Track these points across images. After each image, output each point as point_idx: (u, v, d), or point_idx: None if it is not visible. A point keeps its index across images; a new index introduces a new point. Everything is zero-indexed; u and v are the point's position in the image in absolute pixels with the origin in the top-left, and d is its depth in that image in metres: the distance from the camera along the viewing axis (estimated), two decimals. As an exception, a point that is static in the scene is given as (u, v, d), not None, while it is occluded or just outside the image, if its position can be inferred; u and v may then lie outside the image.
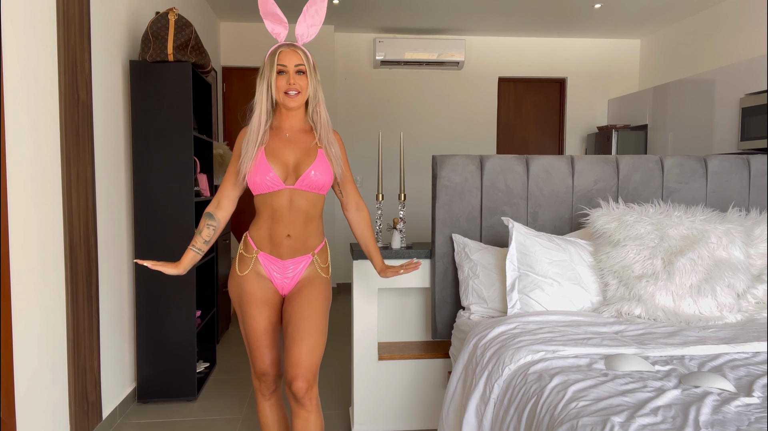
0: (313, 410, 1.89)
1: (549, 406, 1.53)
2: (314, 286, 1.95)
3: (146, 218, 3.04)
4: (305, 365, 1.83)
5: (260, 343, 1.93)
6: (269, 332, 1.95)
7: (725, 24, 4.87)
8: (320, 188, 1.91)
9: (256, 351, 1.95)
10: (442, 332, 2.69)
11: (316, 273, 1.97)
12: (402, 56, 5.80)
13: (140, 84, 3.01)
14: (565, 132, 6.33)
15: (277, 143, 1.90)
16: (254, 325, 1.93)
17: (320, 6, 1.93)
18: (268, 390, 2.01)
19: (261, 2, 1.93)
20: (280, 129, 1.94)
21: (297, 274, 1.95)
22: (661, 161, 2.75)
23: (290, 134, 1.93)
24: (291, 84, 1.85)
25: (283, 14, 1.93)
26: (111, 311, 2.86)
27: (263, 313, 1.93)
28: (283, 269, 1.94)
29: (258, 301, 1.93)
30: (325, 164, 1.90)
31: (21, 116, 2.07)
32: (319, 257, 1.98)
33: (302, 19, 1.93)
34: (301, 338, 1.85)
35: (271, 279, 1.95)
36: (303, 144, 1.92)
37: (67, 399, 2.41)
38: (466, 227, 2.66)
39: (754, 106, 3.94)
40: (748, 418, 1.37)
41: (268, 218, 1.92)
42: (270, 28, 1.94)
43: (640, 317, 2.21)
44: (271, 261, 1.94)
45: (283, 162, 1.88)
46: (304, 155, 1.90)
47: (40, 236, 2.20)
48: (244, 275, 1.94)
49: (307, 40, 1.95)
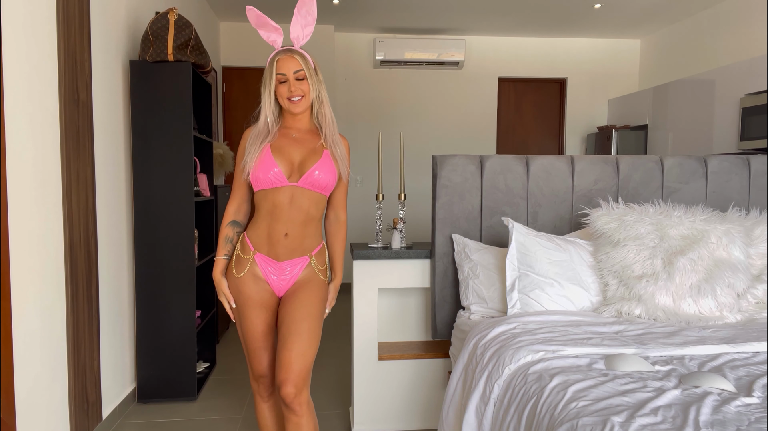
0: (303, 414, 1.86)
1: (549, 406, 1.53)
2: (309, 289, 1.93)
3: (146, 218, 3.04)
4: (295, 370, 1.82)
5: (257, 345, 1.94)
6: (266, 334, 1.95)
7: (725, 24, 4.87)
8: (323, 187, 1.92)
9: (253, 353, 1.95)
10: (442, 332, 2.69)
11: (312, 275, 1.96)
12: (402, 56, 5.80)
13: (140, 84, 3.01)
14: (565, 132, 6.33)
15: (284, 141, 1.92)
16: (251, 328, 1.93)
17: (310, 5, 1.91)
18: (266, 391, 2.02)
19: (250, 17, 1.94)
20: (289, 129, 1.96)
21: (294, 275, 1.94)
22: (661, 161, 2.75)
23: (297, 135, 1.95)
24: (292, 91, 1.87)
25: (274, 22, 1.94)
26: (111, 311, 2.86)
27: (260, 316, 1.93)
28: (280, 271, 1.93)
29: (255, 304, 1.92)
30: (329, 165, 1.91)
31: (21, 116, 2.07)
32: (316, 258, 1.97)
33: (295, 21, 1.93)
34: (293, 341, 1.84)
35: (268, 281, 1.94)
36: (309, 144, 1.94)
37: (67, 399, 2.41)
38: (466, 227, 2.66)
39: (754, 106, 3.94)
40: (748, 418, 1.37)
41: (267, 215, 1.91)
42: (265, 36, 1.95)
43: (640, 317, 2.21)
44: (268, 263, 1.92)
45: (288, 159, 1.90)
46: (310, 154, 1.91)
47: (40, 236, 2.20)
48: (240, 276, 1.92)
49: (303, 42, 1.94)
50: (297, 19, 1.92)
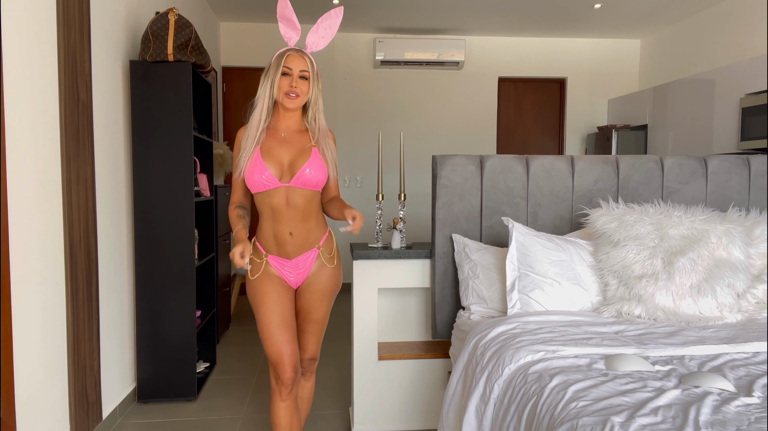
0: (310, 379, 2.25)
1: (549, 406, 1.53)
2: (321, 280, 2.10)
3: (146, 218, 3.04)
4: (311, 350, 2.16)
5: (276, 339, 2.00)
6: (283, 328, 2.00)
7: (725, 24, 4.87)
8: (315, 185, 2.00)
9: (271, 347, 2.00)
10: (442, 332, 2.69)
11: (321, 265, 2.10)
12: (402, 56, 5.80)
13: (140, 84, 3.01)
14: (565, 132, 6.33)
15: (273, 143, 1.99)
16: (269, 323, 2.00)
17: (334, 21, 2.04)
18: (286, 389, 2.04)
19: (280, 6, 2.01)
20: (276, 129, 2.03)
21: (306, 268, 2.08)
22: (661, 161, 2.75)
23: (285, 134, 2.02)
24: (293, 87, 1.95)
25: (297, 21, 2.02)
26: (111, 311, 2.86)
27: (276, 310, 2.01)
28: (293, 267, 2.06)
29: (272, 300, 2.02)
30: (319, 162, 1.99)
31: (21, 116, 2.07)
32: (324, 248, 2.09)
33: (315, 30, 2.04)
34: (309, 331, 2.13)
35: (283, 277, 2.06)
36: (298, 143, 2.01)
37: (67, 399, 2.41)
38: (466, 227, 2.66)
39: (754, 106, 3.94)
40: (748, 418, 1.37)
41: (269, 218, 2.02)
42: (283, 31, 2.03)
43: (640, 317, 2.21)
44: (282, 263, 2.05)
45: (278, 161, 1.97)
46: (299, 153, 1.99)
47: (40, 236, 2.20)
48: (255, 278, 2.04)
49: (315, 50, 2.05)
50: (317, 29, 2.04)
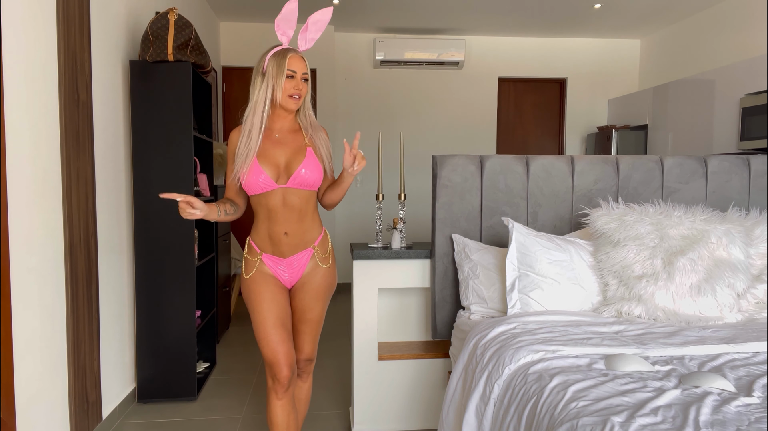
0: (307, 380, 2.23)
1: (549, 406, 1.53)
2: (315, 279, 2.08)
3: (146, 218, 3.04)
4: (307, 350, 2.14)
5: (271, 338, 1.99)
6: (278, 327, 2.00)
7: (725, 24, 4.87)
8: (311, 185, 2.00)
9: (267, 347, 2.00)
10: (442, 332, 2.69)
11: (315, 265, 2.09)
12: (402, 56, 5.80)
13: (140, 84, 3.01)
14: (565, 132, 6.33)
15: (268, 145, 1.99)
16: (264, 322, 2.00)
17: (323, 24, 2.04)
18: (282, 388, 2.03)
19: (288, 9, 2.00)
20: (271, 130, 2.03)
21: (301, 267, 2.07)
22: (661, 161, 2.75)
23: (280, 135, 2.02)
24: (297, 89, 1.96)
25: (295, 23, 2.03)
26: (111, 311, 2.86)
27: (271, 309, 2.01)
28: (288, 266, 2.06)
29: (267, 300, 2.02)
30: (314, 162, 1.99)
31: (21, 116, 2.07)
32: (319, 248, 2.09)
33: (304, 29, 2.04)
34: (304, 331, 2.11)
35: (277, 276, 2.06)
36: (293, 144, 2.01)
37: (67, 399, 2.41)
38: (466, 227, 2.66)
39: (754, 106, 3.94)
40: (748, 418, 1.37)
41: (265, 218, 2.02)
42: (279, 31, 2.03)
43: (640, 317, 2.21)
44: (276, 261, 2.04)
45: (274, 163, 1.97)
46: (294, 154, 1.99)
47: (40, 236, 2.20)
48: (250, 276, 2.04)
49: (305, 50, 2.05)
50: (306, 29, 2.04)
